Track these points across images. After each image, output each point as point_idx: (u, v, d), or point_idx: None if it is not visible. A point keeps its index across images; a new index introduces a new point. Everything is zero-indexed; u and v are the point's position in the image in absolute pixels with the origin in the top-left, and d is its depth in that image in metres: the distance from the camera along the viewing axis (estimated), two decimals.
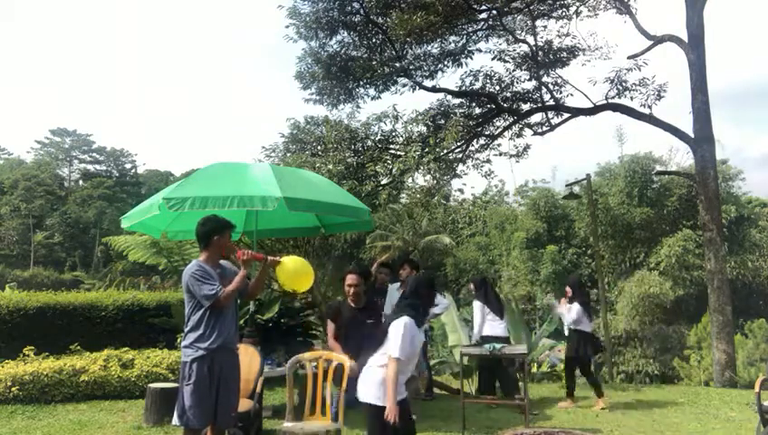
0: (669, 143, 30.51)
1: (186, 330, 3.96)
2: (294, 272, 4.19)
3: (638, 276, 16.53)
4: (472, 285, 7.80)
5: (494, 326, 7.21)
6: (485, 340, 6.99)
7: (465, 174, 17.32)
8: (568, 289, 7.75)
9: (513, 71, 14.86)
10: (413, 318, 3.60)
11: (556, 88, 14.53)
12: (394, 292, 6.57)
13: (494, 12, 13.64)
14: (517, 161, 16.10)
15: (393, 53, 14.35)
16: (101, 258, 42.81)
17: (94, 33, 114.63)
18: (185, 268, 4.04)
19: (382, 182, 12.53)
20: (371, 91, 14.92)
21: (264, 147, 14.56)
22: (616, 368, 15.06)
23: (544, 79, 14.49)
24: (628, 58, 13.23)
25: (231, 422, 4.12)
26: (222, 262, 4.10)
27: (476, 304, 7.35)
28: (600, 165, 20.62)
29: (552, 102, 14.52)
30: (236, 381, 4.08)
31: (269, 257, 4.15)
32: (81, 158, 62.52)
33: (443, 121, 13.89)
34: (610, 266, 17.68)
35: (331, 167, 11.56)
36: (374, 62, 13.99)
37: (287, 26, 13.95)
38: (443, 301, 6.87)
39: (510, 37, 14.52)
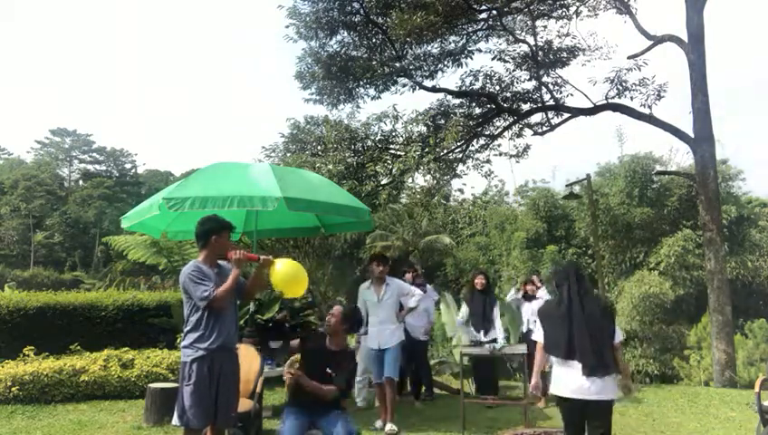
0: (669, 143, 30.61)
1: (185, 330, 3.95)
2: (289, 277, 4.09)
3: (638, 276, 16.50)
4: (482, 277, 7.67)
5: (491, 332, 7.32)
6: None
7: (465, 174, 17.37)
8: (535, 278, 7.79)
9: (513, 71, 14.89)
10: None
11: (556, 88, 14.55)
12: (364, 290, 6.27)
13: (494, 12, 13.64)
14: (517, 161, 16.16)
15: (393, 53, 14.36)
16: (101, 258, 42.77)
17: (94, 33, 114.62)
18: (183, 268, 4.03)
19: (382, 182, 12.55)
20: (371, 91, 14.95)
21: (264, 147, 14.63)
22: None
23: (544, 79, 14.50)
24: (629, 58, 13.26)
25: (231, 422, 4.11)
26: (221, 262, 4.08)
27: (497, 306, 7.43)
28: (600, 165, 20.58)
29: (552, 102, 14.53)
30: (236, 381, 4.07)
31: (261, 257, 4.06)
32: (81, 158, 62.50)
33: (443, 121, 13.92)
34: (610, 266, 17.64)
35: (331, 167, 11.59)
36: (374, 62, 14.00)
37: (287, 26, 14.00)
38: (416, 291, 6.39)
39: (510, 37, 14.53)
